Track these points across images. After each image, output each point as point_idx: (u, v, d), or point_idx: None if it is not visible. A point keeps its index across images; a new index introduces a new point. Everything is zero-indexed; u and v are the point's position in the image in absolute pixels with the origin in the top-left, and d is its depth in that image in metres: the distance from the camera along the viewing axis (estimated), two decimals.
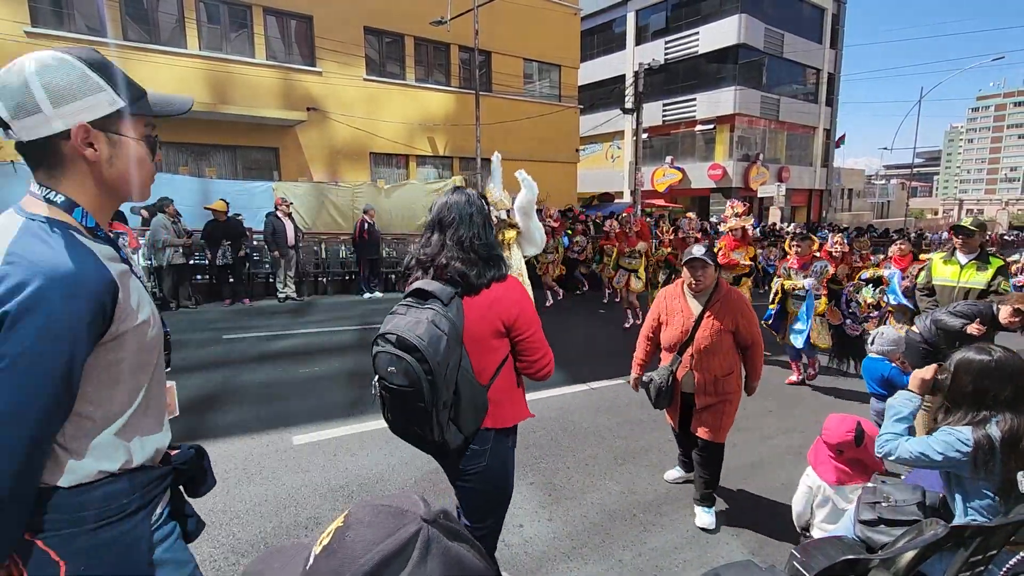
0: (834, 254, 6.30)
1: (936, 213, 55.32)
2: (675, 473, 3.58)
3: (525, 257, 5.95)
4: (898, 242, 6.80)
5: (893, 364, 3.63)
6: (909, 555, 1.61)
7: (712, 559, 2.78)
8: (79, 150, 1.04)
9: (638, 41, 28.24)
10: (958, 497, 1.94)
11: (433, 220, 1.90)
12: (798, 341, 5.57)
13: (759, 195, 25.77)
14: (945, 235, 25.46)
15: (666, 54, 25.85)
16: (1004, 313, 3.46)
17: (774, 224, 21.90)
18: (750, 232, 7.09)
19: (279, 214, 9.63)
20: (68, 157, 1.04)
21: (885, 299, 6.25)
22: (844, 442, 2.47)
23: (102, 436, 1.07)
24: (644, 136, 19.14)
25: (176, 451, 1.28)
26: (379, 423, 3.92)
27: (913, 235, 19.87)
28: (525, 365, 1.94)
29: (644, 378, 3.14)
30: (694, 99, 26.27)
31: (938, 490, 2.08)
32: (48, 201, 1.05)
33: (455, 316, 1.74)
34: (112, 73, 1.07)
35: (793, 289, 5.71)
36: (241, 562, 2.63)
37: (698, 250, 3.00)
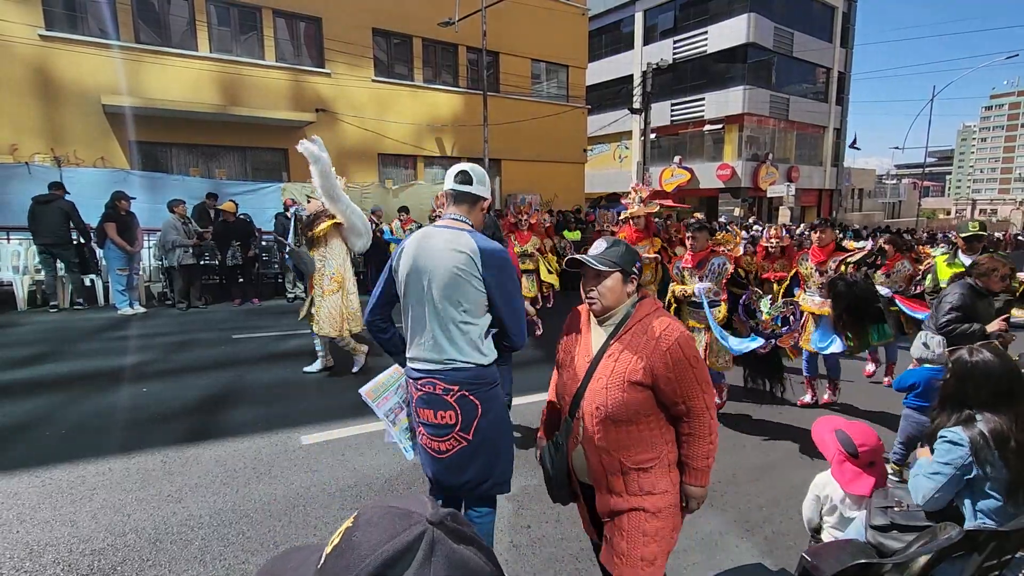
0: (771, 250, 5.51)
1: (949, 213, 54.65)
2: None
3: (358, 251, 5.35)
4: (818, 229, 4.97)
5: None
6: (923, 559, 1.59)
7: (722, 562, 2.76)
8: (482, 206, 2.27)
9: (646, 41, 28.14)
10: (967, 501, 1.94)
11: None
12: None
13: (768, 195, 25.61)
14: (951, 235, 25.17)
15: (674, 54, 25.74)
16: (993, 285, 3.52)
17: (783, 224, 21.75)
18: (654, 221, 5.85)
19: (288, 215, 9.68)
20: (478, 207, 2.25)
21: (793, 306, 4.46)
22: (876, 448, 2.25)
23: (487, 341, 2.17)
24: (652, 136, 19.08)
25: None
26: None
27: (925, 235, 19.65)
28: None
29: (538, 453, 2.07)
30: (702, 99, 26.14)
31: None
32: (463, 222, 2.18)
33: None
34: None
35: (684, 296, 4.49)
36: (251, 560, 2.65)
37: (598, 245, 1.83)
